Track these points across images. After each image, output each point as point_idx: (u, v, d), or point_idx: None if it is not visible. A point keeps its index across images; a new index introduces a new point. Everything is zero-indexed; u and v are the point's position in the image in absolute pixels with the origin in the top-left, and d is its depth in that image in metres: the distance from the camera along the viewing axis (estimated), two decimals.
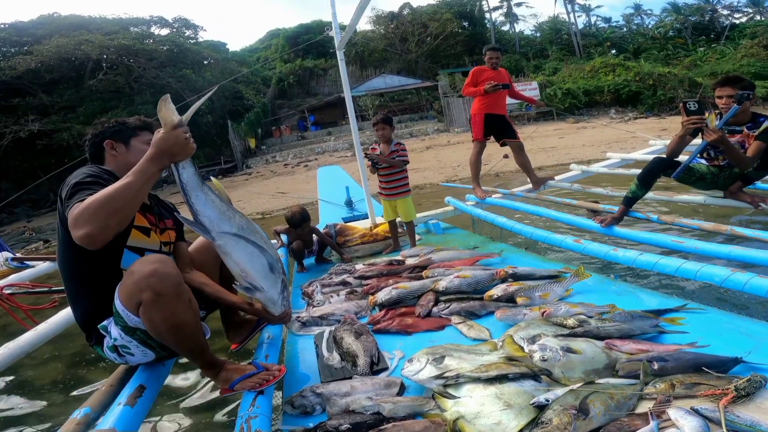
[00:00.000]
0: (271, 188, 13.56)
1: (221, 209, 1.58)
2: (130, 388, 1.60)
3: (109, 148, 1.75)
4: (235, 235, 1.59)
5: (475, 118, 4.58)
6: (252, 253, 1.64)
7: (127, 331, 1.54)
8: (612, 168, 4.83)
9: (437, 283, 2.60)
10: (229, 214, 1.60)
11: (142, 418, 1.54)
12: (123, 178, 1.41)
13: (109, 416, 1.46)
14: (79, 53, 19.63)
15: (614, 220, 3.02)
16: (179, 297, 1.46)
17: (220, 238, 1.57)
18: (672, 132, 10.88)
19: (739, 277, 1.89)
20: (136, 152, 1.71)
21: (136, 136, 1.79)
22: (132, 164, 1.53)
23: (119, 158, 1.75)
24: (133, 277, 1.44)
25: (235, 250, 1.60)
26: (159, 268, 1.43)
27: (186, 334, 1.52)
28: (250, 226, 1.67)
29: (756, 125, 2.77)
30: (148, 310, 1.44)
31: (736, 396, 1.25)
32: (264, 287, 1.69)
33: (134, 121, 1.84)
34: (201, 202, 1.54)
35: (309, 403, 1.66)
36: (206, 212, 1.54)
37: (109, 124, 1.81)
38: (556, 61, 29.66)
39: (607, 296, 2.28)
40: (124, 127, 1.80)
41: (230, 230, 1.58)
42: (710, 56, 26.80)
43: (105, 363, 2.97)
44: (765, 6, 33.44)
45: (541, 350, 1.64)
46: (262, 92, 27.48)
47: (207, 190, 1.56)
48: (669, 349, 1.62)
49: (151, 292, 1.41)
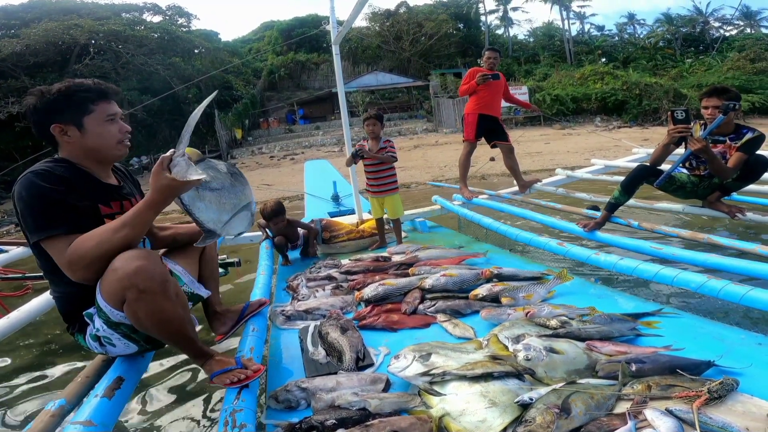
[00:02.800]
0: (256, 180, 13.41)
1: (216, 201, 1.57)
2: (107, 379, 1.56)
3: (59, 134, 1.48)
4: (232, 217, 1.62)
5: (468, 118, 4.58)
6: (243, 218, 1.68)
7: (110, 325, 1.50)
8: (596, 174, 4.93)
9: (423, 280, 2.62)
10: (223, 199, 1.60)
11: (120, 411, 1.52)
12: (119, 227, 1.37)
13: (84, 408, 1.43)
14: (66, 37, 19.21)
15: (597, 225, 3.09)
16: (165, 293, 1.42)
17: (224, 230, 1.58)
18: (654, 142, 11.13)
19: (713, 284, 1.96)
20: (94, 135, 1.50)
21: (89, 114, 1.48)
22: (92, 149, 1.48)
23: (74, 144, 1.50)
24: (116, 274, 1.36)
25: (234, 228, 1.63)
26: (144, 265, 1.36)
27: (173, 329, 1.49)
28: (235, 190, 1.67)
29: (738, 136, 2.84)
30: (133, 307, 1.40)
31: (708, 398, 1.30)
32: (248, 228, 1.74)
33: (86, 87, 1.49)
34: (203, 211, 1.52)
35: (294, 397, 1.65)
36: (209, 216, 1.53)
37: (50, 98, 1.45)
38: (547, 66, 29.92)
39: (588, 299, 2.34)
40: (71, 102, 1.46)
41: (228, 216, 1.60)
42: (697, 68, 27.21)
43: (82, 352, 2.92)
44: (757, 19, 34.21)
45: (525, 350, 1.67)
46: (252, 83, 27.20)
47: (201, 191, 1.52)
48: (646, 351, 1.67)
49: (135, 290, 1.36)
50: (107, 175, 1.64)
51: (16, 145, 17.33)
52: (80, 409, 1.44)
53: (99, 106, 1.51)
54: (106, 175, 1.64)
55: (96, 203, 1.51)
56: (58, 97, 1.46)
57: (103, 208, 1.53)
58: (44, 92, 1.47)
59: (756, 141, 2.79)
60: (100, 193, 1.55)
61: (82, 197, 1.47)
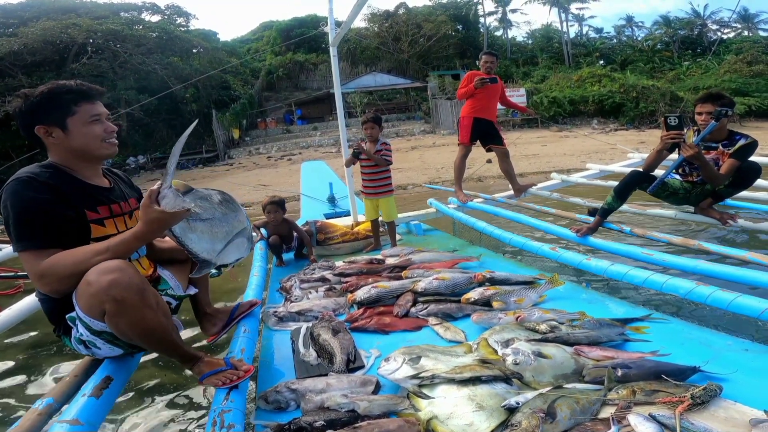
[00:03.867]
0: (252, 180, 13.42)
1: (209, 231, 1.58)
2: (95, 379, 1.56)
3: (44, 135, 1.49)
4: (226, 245, 1.62)
5: (463, 121, 4.59)
6: (238, 245, 1.68)
7: (92, 332, 1.50)
8: (591, 179, 4.95)
9: (416, 283, 2.64)
10: (215, 229, 1.60)
11: (108, 410, 1.52)
12: (100, 250, 1.39)
13: (72, 407, 1.43)
14: (64, 36, 19.19)
15: (589, 230, 3.10)
16: (145, 303, 1.40)
17: (219, 259, 1.59)
18: (650, 145, 11.15)
19: (702, 290, 1.98)
20: (78, 135, 1.50)
21: (72, 115, 1.49)
22: (76, 150, 1.48)
23: (60, 145, 1.50)
24: (90, 289, 1.35)
25: (230, 256, 1.64)
26: (118, 278, 1.34)
27: (157, 337, 1.49)
28: (229, 218, 1.67)
29: (731, 143, 2.84)
30: (113, 320, 1.39)
31: (691, 404, 1.32)
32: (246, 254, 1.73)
33: (68, 88, 1.49)
34: (195, 242, 1.52)
35: (283, 398, 1.67)
36: (203, 246, 1.54)
37: (33, 100, 1.46)
38: (545, 68, 29.97)
39: (578, 303, 2.35)
40: (53, 104, 1.47)
41: (222, 245, 1.61)
42: (694, 70, 27.26)
43: (70, 352, 2.91)
44: (755, 21, 34.29)
45: (513, 354, 1.69)
46: (250, 83, 27.17)
47: (193, 222, 1.53)
48: (632, 356, 1.69)
49: (113, 302, 1.35)
50: (96, 176, 1.63)
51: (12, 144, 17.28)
52: (68, 408, 1.44)
53: (82, 107, 1.51)
54: (95, 175, 1.62)
55: (82, 209, 1.51)
56: (41, 99, 1.47)
57: (89, 214, 1.53)
58: (28, 95, 1.48)
59: (749, 148, 2.81)
60: (87, 197, 1.54)
61: (68, 204, 1.47)
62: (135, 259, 1.68)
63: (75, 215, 1.49)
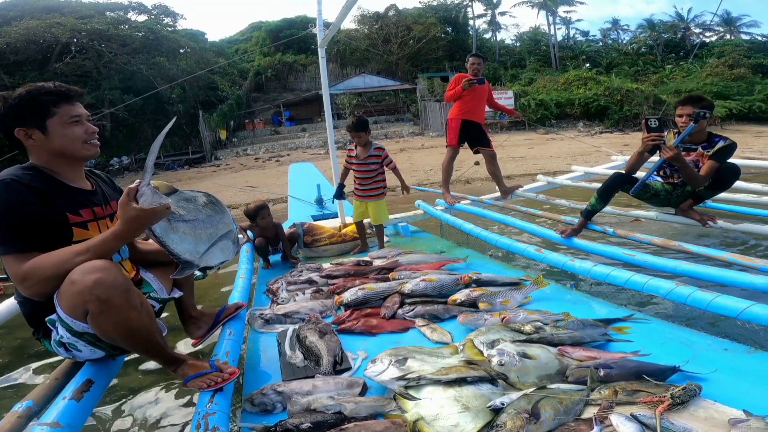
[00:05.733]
0: (239, 181, 13.32)
1: (192, 232, 1.56)
2: (76, 382, 1.55)
3: (24, 137, 1.47)
4: (210, 247, 1.62)
5: (451, 123, 4.61)
6: (223, 247, 1.68)
7: (74, 334, 1.48)
8: (576, 181, 5.01)
9: (403, 285, 2.64)
10: (198, 231, 1.59)
11: (89, 413, 1.50)
12: (81, 250, 1.37)
13: (52, 410, 1.42)
14: (48, 36, 18.86)
15: (574, 232, 3.14)
16: (129, 303, 1.39)
17: (202, 261, 1.57)
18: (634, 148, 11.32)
19: (682, 290, 2.01)
20: (58, 137, 1.48)
21: (52, 116, 1.47)
22: (58, 151, 1.46)
23: (40, 147, 1.49)
24: (74, 288, 1.33)
25: (214, 258, 1.63)
26: (102, 278, 1.33)
27: (140, 338, 1.47)
28: (213, 220, 1.66)
29: (711, 145, 2.90)
30: (97, 320, 1.38)
31: (671, 403, 1.34)
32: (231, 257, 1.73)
33: (47, 90, 1.48)
34: (177, 242, 1.51)
35: (269, 401, 1.66)
36: (185, 248, 1.52)
37: (12, 102, 1.45)
38: (532, 71, 30.29)
39: (563, 304, 2.38)
40: (32, 106, 1.45)
41: (205, 247, 1.60)
42: (677, 74, 27.75)
43: (50, 356, 2.87)
44: (737, 25, 34.97)
45: (499, 355, 1.70)
46: (238, 84, 26.97)
47: (174, 222, 1.51)
48: (615, 356, 1.72)
49: (97, 302, 1.33)
50: (78, 178, 1.61)
51: None
52: (48, 411, 1.42)
53: (61, 109, 1.49)
54: (77, 177, 1.60)
55: (65, 212, 1.49)
56: (19, 102, 1.45)
57: (71, 217, 1.51)
58: (6, 98, 1.46)
59: (727, 149, 2.86)
60: (69, 200, 1.52)
61: (51, 207, 1.45)
62: (117, 261, 1.65)
63: (57, 218, 1.47)
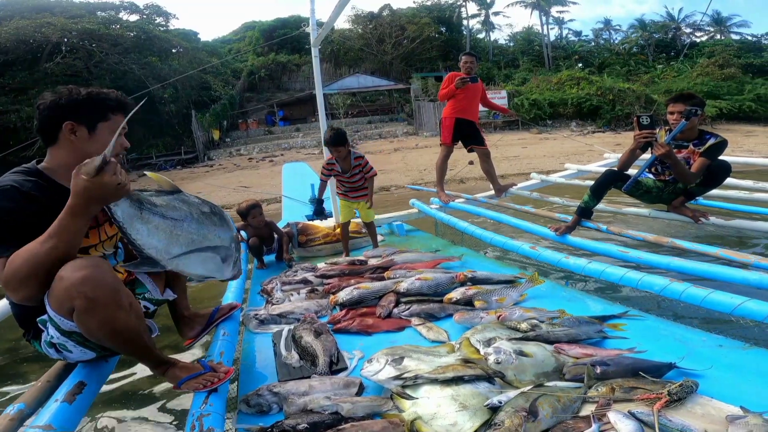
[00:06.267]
0: (233, 182, 13.26)
1: (167, 231, 1.45)
2: (68, 384, 1.53)
3: (68, 131, 1.45)
4: (187, 253, 1.49)
5: (445, 122, 4.60)
6: (205, 258, 1.56)
7: (63, 333, 1.45)
8: (569, 178, 5.03)
9: (398, 284, 2.64)
10: (177, 231, 1.47)
11: (81, 416, 1.48)
12: (45, 240, 1.27)
13: (44, 412, 1.39)
14: (38, 35, 18.62)
15: (568, 229, 3.15)
16: (117, 303, 1.35)
17: (171, 263, 1.45)
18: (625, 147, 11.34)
19: (676, 286, 2.02)
20: (100, 141, 1.46)
21: (105, 120, 1.49)
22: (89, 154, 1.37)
23: (77, 146, 1.46)
24: (62, 284, 1.29)
25: (189, 266, 1.51)
26: (91, 274, 1.30)
27: (127, 339, 1.43)
28: (201, 229, 1.55)
29: (702, 142, 2.91)
30: (82, 317, 1.34)
31: (669, 400, 1.34)
32: (218, 276, 1.65)
33: (110, 97, 1.52)
34: (143, 235, 1.39)
35: (265, 402, 1.65)
36: (152, 243, 1.40)
37: (78, 97, 1.46)
38: (525, 71, 30.39)
39: (558, 302, 2.38)
40: (94, 106, 1.48)
41: (180, 251, 1.47)
42: (668, 73, 27.92)
43: (42, 359, 2.82)
44: (727, 25, 35.28)
45: (495, 353, 1.70)
46: (231, 84, 26.83)
47: (147, 215, 1.41)
48: (611, 353, 1.72)
49: (83, 299, 1.29)
50: None
51: None
52: (40, 414, 1.41)
53: (115, 117, 1.52)
54: None
55: None
56: (86, 98, 1.48)
57: None
58: (72, 91, 1.48)
59: (718, 147, 2.88)
60: None
61: (48, 215, 1.36)
62: (113, 265, 1.63)
63: None
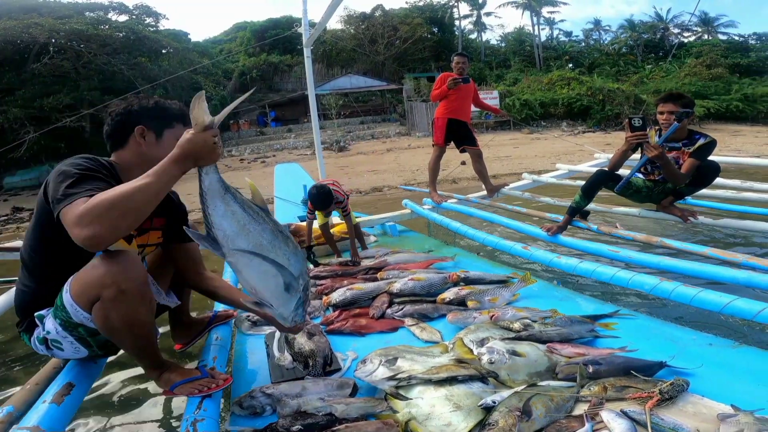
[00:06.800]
0: None
1: (241, 222, 1.42)
2: (56, 385, 1.53)
3: (139, 135, 1.57)
4: (250, 253, 1.44)
5: (438, 122, 4.62)
6: (266, 272, 1.48)
7: (67, 326, 1.45)
8: (560, 179, 5.07)
9: (392, 285, 2.64)
10: (250, 227, 1.43)
11: (70, 417, 1.47)
12: (141, 178, 1.28)
13: (32, 414, 1.39)
14: (25, 36, 18.34)
15: (559, 229, 3.17)
16: (143, 297, 1.41)
17: (231, 255, 1.42)
18: (615, 146, 11.49)
19: (666, 285, 2.04)
20: (165, 147, 1.52)
21: (170, 128, 1.61)
22: (155, 160, 1.39)
23: (144, 149, 1.57)
24: (96, 271, 1.34)
25: (247, 269, 1.46)
26: (126, 266, 1.36)
27: (140, 334, 1.47)
28: (274, 241, 1.48)
29: (691, 142, 2.94)
30: (106, 307, 1.36)
31: (660, 399, 1.35)
32: (274, 304, 1.53)
33: (174, 108, 1.64)
34: (219, 214, 1.38)
35: (258, 403, 1.63)
36: (222, 225, 1.38)
37: (148, 105, 1.60)
38: (517, 71, 30.58)
39: (551, 301, 2.40)
40: (163, 114, 1.61)
41: (245, 247, 1.43)
42: (656, 74, 28.24)
43: (31, 363, 2.78)
44: (715, 25, 35.70)
45: (488, 353, 1.70)
46: (222, 85, 26.67)
47: (230, 199, 1.40)
48: (603, 353, 1.73)
49: (114, 289, 1.33)
50: None
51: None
52: (28, 415, 1.40)
53: (178, 126, 1.62)
54: None
55: None
56: (156, 105, 1.61)
57: None
58: (142, 99, 1.62)
59: (708, 147, 2.92)
60: None
61: None
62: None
63: None
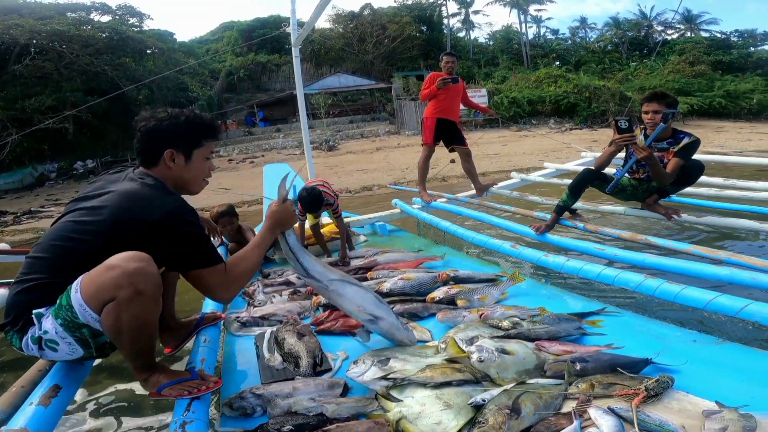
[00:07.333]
0: (212, 184, 12.72)
1: (323, 265, 1.93)
2: (43, 387, 1.51)
3: (168, 158, 1.56)
4: (341, 280, 1.92)
5: (427, 122, 4.63)
6: (359, 291, 1.93)
7: (69, 327, 1.41)
8: (548, 177, 5.12)
9: (382, 284, 2.64)
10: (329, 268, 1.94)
11: (57, 419, 1.45)
12: (254, 250, 1.65)
13: (19, 416, 1.37)
14: (6, 38, 17.95)
15: (547, 228, 3.19)
16: (156, 298, 1.42)
17: (332, 284, 1.87)
18: (602, 144, 11.65)
19: (650, 283, 2.07)
20: (194, 168, 1.62)
21: (200, 147, 1.61)
22: (184, 180, 1.61)
23: (174, 171, 1.58)
24: (113, 272, 1.33)
25: (347, 291, 1.90)
26: (144, 267, 1.36)
27: (146, 334, 1.46)
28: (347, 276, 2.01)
29: (676, 141, 2.97)
30: (120, 308, 1.34)
31: (646, 396, 1.37)
32: (382, 315, 1.91)
33: (204, 123, 1.62)
34: (308, 261, 1.87)
35: (249, 404, 1.62)
36: (314, 268, 1.87)
37: (179, 122, 1.57)
38: (505, 69, 30.73)
39: (539, 299, 2.42)
40: (192, 132, 1.60)
41: (336, 277, 1.91)
42: (641, 71, 28.63)
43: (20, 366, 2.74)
44: (697, 23, 36.19)
45: (478, 351, 1.71)
46: (209, 85, 26.41)
47: (307, 253, 1.89)
48: (590, 350, 1.75)
49: (131, 289, 1.33)
50: None
51: None
52: (14, 417, 1.38)
53: (207, 143, 1.64)
54: None
55: None
56: (184, 124, 1.58)
57: None
58: (172, 115, 1.58)
59: (692, 146, 2.95)
60: None
61: None
62: None
63: None
